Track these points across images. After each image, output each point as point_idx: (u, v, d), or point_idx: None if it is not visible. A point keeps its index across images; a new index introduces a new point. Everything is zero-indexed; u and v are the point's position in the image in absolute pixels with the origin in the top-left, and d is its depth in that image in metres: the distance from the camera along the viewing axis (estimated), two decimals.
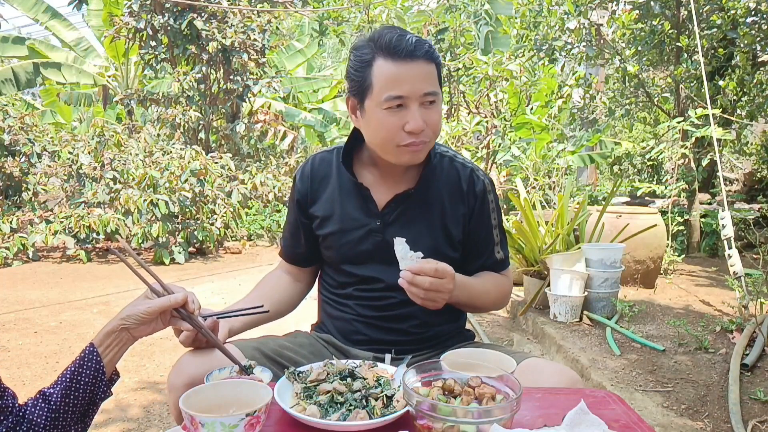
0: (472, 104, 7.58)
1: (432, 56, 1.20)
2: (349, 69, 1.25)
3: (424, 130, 1.19)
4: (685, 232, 5.95)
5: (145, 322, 1.01)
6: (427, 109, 1.20)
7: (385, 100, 1.17)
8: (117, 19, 8.54)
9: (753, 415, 2.36)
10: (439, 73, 1.24)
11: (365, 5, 7.56)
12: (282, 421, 0.94)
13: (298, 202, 1.40)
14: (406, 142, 1.20)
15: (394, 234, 1.29)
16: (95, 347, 0.97)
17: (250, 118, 9.61)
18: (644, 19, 6.04)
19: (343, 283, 1.36)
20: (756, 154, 8.35)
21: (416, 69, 1.17)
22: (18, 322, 4.08)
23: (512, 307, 4.31)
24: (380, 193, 1.32)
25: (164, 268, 6.22)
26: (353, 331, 1.33)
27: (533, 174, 6.99)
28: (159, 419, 2.56)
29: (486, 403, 0.86)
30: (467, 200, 1.33)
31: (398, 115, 1.18)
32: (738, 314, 3.46)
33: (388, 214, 1.31)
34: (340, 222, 1.33)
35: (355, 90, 1.24)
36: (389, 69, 1.17)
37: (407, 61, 1.17)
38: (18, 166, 7.32)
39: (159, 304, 1.02)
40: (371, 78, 1.19)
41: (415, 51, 1.17)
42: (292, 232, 1.45)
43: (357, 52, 1.22)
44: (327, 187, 1.37)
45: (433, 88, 1.20)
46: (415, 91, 1.17)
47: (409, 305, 1.30)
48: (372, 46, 1.20)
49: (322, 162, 1.39)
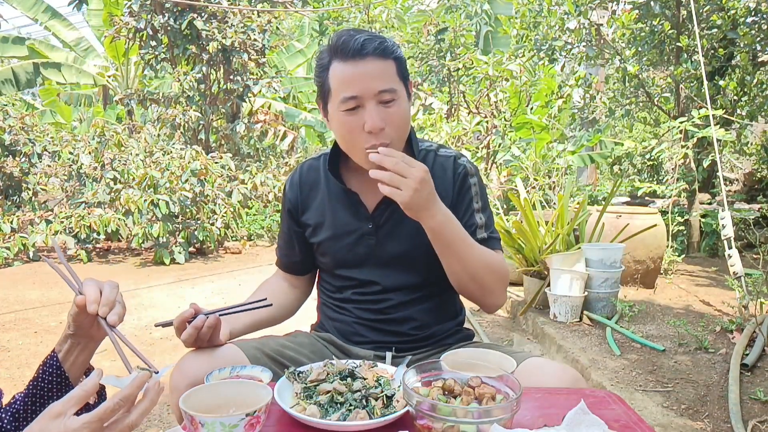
0: (472, 104, 7.59)
1: (385, 52, 1.17)
2: (314, 75, 1.25)
3: (384, 129, 1.16)
4: (685, 232, 5.94)
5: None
6: (386, 107, 1.17)
7: (341, 101, 1.16)
8: (117, 19, 8.54)
9: (753, 415, 2.36)
10: (399, 68, 1.21)
11: (365, 5, 7.56)
12: (282, 421, 0.94)
13: (289, 212, 1.40)
14: (368, 144, 1.17)
15: (387, 236, 1.30)
16: (56, 353, 0.95)
17: (250, 118, 9.61)
18: (644, 19, 6.04)
19: (341, 287, 1.36)
20: (756, 154, 8.35)
21: (367, 67, 1.15)
22: (18, 322, 4.08)
23: (512, 307, 4.31)
24: (370, 197, 1.30)
25: (165, 268, 6.22)
26: (353, 333, 1.33)
27: (533, 174, 6.99)
28: (159, 419, 2.56)
29: (486, 403, 0.86)
30: (451, 188, 1.31)
31: (356, 116, 1.16)
32: (738, 314, 3.46)
33: (379, 217, 1.30)
34: (332, 228, 1.33)
35: (319, 95, 1.25)
36: (341, 70, 1.17)
37: (356, 60, 1.15)
38: (18, 166, 7.32)
39: None
40: (329, 82, 1.19)
41: (363, 49, 1.15)
42: (287, 241, 1.44)
43: (317, 57, 1.23)
44: (317, 194, 1.36)
45: (387, 85, 1.16)
46: (368, 89, 1.15)
47: (407, 307, 1.31)
48: (328, 50, 1.20)
49: (310, 170, 1.39)
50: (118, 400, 0.75)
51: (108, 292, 0.91)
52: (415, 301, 1.32)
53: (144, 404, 0.78)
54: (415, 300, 1.32)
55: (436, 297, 1.35)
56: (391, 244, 1.30)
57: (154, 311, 4.39)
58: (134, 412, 0.77)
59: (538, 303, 3.98)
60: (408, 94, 1.24)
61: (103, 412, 0.73)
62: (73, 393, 0.75)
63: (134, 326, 3.97)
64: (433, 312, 1.34)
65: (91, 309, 0.89)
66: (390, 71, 1.18)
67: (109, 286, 0.93)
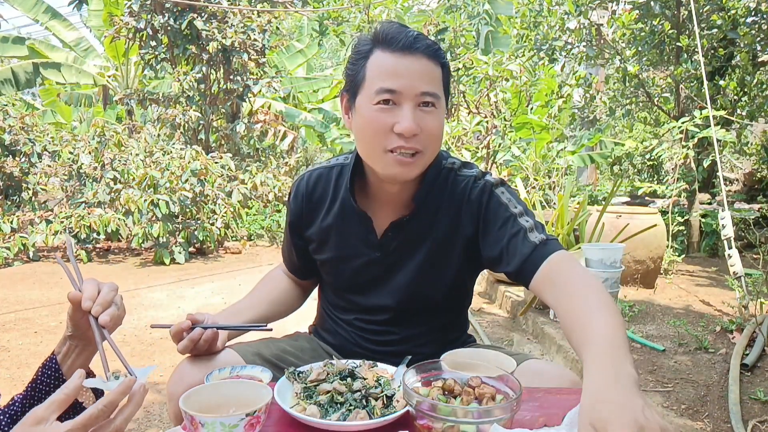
0: (472, 104, 7.58)
1: (436, 54, 1.09)
2: (347, 64, 1.15)
3: (417, 135, 1.06)
4: (685, 232, 5.95)
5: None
6: (423, 112, 1.07)
7: (376, 93, 1.06)
8: (117, 19, 8.53)
9: (753, 415, 2.36)
10: (445, 77, 1.12)
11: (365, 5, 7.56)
12: (282, 421, 0.94)
13: (291, 225, 1.31)
14: (394, 145, 1.06)
15: (395, 266, 1.20)
16: (55, 355, 0.95)
17: (250, 118, 9.60)
18: (644, 19, 6.04)
19: (345, 308, 1.30)
20: (756, 154, 8.35)
21: (415, 63, 1.06)
22: (18, 322, 4.08)
23: (512, 307, 4.31)
24: (379, 219, 1.20)
25: (165, 268, 6.22)
26: (351, 353, 1.29)
27: (533, 174, 6.99)
28: (159, 419, 2.56)
29: (486, 403, 0.86)
30: (472, 212, 1.18)
31: (389, 112, 1.06)
32: (738, 314, 3.46)
33: (387, 244, 1.20)
34: (336, 249, 1.24)
35: (349, 85, 1.13)
36: (385, 59, 1.07)
37: (405, 53, 1.06)
38: (18, 166, 7.31)
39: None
40: (365, 70, 1.09)
41: (415, 42, 1.06)
42: (289, 250, 1.37)
43: (356, 45, 1.13)
44: (323, 209, 1.25)
45: (432, 89, 1.07)
46: (410, 87, 1.05)
47: (409, 342, 1.25)
48: (371, 38, 1.10)
49: (318, 180, 1.26)
50: (102, 406, 0.74)
51: (105, 292, 0.91)
52: (420, 335, 1.26)
53: (129, 409, 0.77)
54: (420, 334, 1.26)
55: (443, 328, 1.29)
56: (398, 275, 1.22)
57: (154, 311, 4.39)
58: (119, 417, 0.76)
59: (538, 303, 3.98)
60: (446, 107, 1.15)
61: (87, 419, 0.73)
62: (54, 397, 0.73)
63: (134, 326, 3.96)
64: (439, 344, 1.26)
65: (85, 306, 0.89)
66: (437, 76, 1.09)
67: (108, 287, 0.92)
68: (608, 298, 0.94)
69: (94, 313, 0.89)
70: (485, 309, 4.54)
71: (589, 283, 0.98)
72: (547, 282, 1.05)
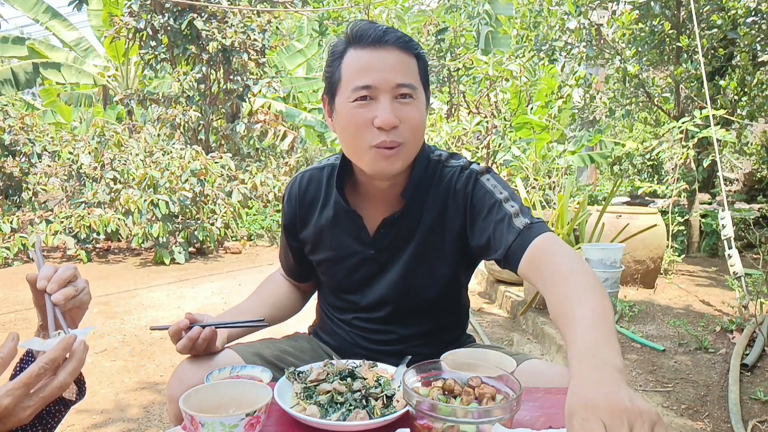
0: (472, 104, 7.58)
1: (408, 46, 1.08)
2: (324, 67, 1.15)
3: (397, 127, 1.06)
4: (685, 232, 5.95)
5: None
6: (401, 104, 1.07)
7: (352, 90, 1.06)
8: (117, 19, 8.54)
9: (753, 415, 2.36)
10: (421, 69, 1.12)
11: (365, 5, 7.56)
12: (282, 421, 0.93)
13: (285, 227, 1.31)
14: (376, 141, 1.06)
15: (389, 263, 1.20)
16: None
17: (250, 118, 9.61)
18: (644, 19, 6.04)
19: (343, 308, 1.31)
20: (756, 154, 8.35)
21: (387, 56, 1.06)
22: (18, 322, 4.08)
23: (512, 307, 4.31)
24: (370, 217, 1.21)
25: (164, 268, 6.22)
26: (350, 354, 1.29)
27: (533, 174, 6.99)
28: (159, 419, 2.56)
29: (486, 403, 0.86)
30: (459, 202, 1.18)
31: (367, 107, 1.06)
32: (738, 314, 3.46)
33: (380, 242, 1.21)
34: (330, 249, 1.25)
35: (327, 87, 1.14)
36: (358, 56, 1.07)
37: (376, 47, 1.06)
38: (18, 166, 7.32)
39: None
40: (340, 70, 1.09)
41: (384, 36, 1.06)
42: (286, 254, 1.38)
43: (332, 47, 1.13)
44: (316, 210, 1.26)
45: (408, 80, 1.07)
46: (384, 80, 1.05)
47: (408, 341, 1.26)
48: (344, 38, 1.10)
49: (310, 182, 1.27)
50: (42, 364, 0.74)
51: (61, 271, 0.91)
52: (419, 335, 1.27)
53: (71, 364, 0.77)
54: (419, 333, 1.27)
55: (441, 328, 1.29)
56: (393, 272, 1.23)
57: (154, 311, 4.39)
58: (61, 373, 0.76)
59: (538, 303, 3.98)
60: (426, 99, 1.14)
61: (27, 378, 0.72)
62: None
63: (134, 326, 3.96)
64: (438, 344, 1.27)
65: (40, 285, 0.89)
66: (411, 66, 1.09)
67: (64, 267, 0.92)
68: (593, 281, 0.92)
69: (49, 290, 0.89)
70: (485, 309, 4.54)
71: (573, 268, 0.95)
72: (533, 268, 1.03)
